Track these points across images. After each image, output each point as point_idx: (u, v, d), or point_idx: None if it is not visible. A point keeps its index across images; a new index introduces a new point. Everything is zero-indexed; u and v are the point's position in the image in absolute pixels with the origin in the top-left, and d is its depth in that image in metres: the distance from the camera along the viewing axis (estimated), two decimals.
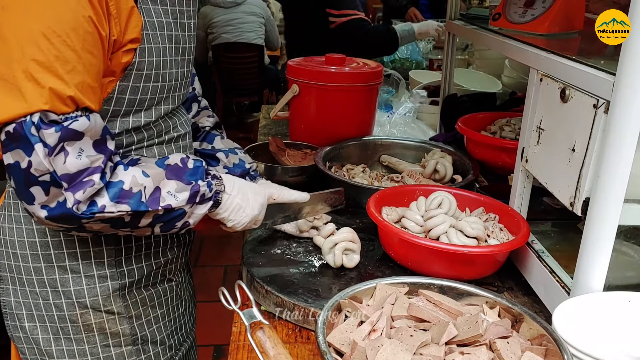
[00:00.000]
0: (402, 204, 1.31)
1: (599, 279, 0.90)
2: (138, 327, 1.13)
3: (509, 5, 1.40)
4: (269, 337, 0.81)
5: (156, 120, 1.06)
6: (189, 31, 1.08)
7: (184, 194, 0.97)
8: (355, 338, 0.81)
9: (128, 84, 0.96)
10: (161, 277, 1.18)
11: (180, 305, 1.26)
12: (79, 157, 0.85)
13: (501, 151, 1.49)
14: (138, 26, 0.94)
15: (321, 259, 1.20)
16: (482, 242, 1.16)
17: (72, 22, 0.83)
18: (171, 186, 0.96)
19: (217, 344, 2.75)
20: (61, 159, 0.84)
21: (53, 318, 1.07)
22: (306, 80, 1.74)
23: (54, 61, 0.82)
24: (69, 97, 0.83)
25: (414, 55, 3.21)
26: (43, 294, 1.06)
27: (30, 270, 1.06)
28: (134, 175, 0.92)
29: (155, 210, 0.93)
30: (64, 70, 0.83)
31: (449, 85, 1.96)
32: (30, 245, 1.05)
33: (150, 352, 1.16)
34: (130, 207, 0.91)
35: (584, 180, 0.90)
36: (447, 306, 0.89)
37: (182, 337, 1.28)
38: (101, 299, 1.07)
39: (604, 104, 0.85)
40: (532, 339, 0.85)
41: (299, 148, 1.78)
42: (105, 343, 1.10)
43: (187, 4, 1.06)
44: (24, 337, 1.10)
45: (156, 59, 0.99)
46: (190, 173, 0.99)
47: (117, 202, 0.90)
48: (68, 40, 0.83)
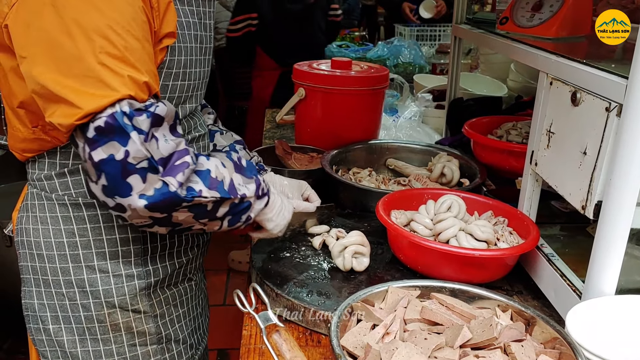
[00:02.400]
0: (411, 208, 1.31)
1: (611, 283, 0.90)
2: (162, 325, 1.14)
3: (517, 9, 1.40)
4: (285, 340, 0.81)
5: (180, 120, 1.07)
6: (209, 32, 1.11)
7: (252, 186, 1.02)
8: (368, 341, 0.81)
9: (160, 83, 0.98)
10: (182, 277, 1.19)
11: (198, 305, 1.27)
12: (166, 141, 0.88)
13: (509, 155, 1.49)
14: (174, 21, 0.96)
15: (330, 262, 1.20)
16: (492, 245, 1.16)
17: (131, 12, 0.85)
18: (239, 179, 1.00)
19: (221, 348, 2.74)
20: (154, 144, 0.86)
21: (80, 319, 1.07)
22: (312, 84, 1.75)
23: (124, 51, 0.83)
24: (145, 83, 0.85)
25: (417, 60, 3.21)
26: (70, 294, 1.06)
27: (57, 271, 1.05)
28: (216, 165, 0.97)
29: (235, 197, 0.97)
30: (134, 59, 0.84)
31: (455, 89, 1.97)
32: (58, 245, 1.04)
33: (174, 350, 1.17)
34: (219, 193, 0.94)
35: (596, 183, 0.90)
36: (460, 309, 0.89)
37: (200, 336, 1.28)
38: (129, 297, 1.08)
39: (616, 107, 0.85)
40: (545, 343, 0.85)
41: (305, 151, 1.78)
42: (131, 342, 1.10)
43: (208, 4, 1.08)
44: (47, 339, 1.09)
45: (184, 57, 1.01)
46: (247, 169, 1.04)
47: (210, 188, 0.93)
48: (131, 30, 0.84)
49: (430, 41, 3.91)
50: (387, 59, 3.20)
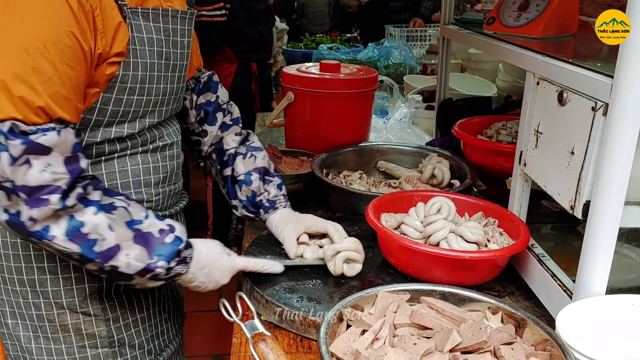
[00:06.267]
0: (401, 210, 1.30)
1: (601, 282, 0.90)
2: (115, 329, 1.14)
3: (504, 9, 1.40)
4: (272, 349, 0.80)
5: (140, 131, 1.07)
6: (181, 48, 1.10)
7: (139, 265, 0.95)
8: (358, 347, 0.80)
9: (112, 96, 0.99)
10: None
11: (163, 311, 1.25)
12: (43, 172, 0.86)
13: (498, 155, 1.48)
14: (124, 40, 0.97)
15: (320, 268, 1.18)
16: (483, 247, 1.15)
17: (53, 36, 0.86)
18: (133, 252, 0.95)
19: (216, 354, 2.73)
20: (22, 170, 0.84)
21: (32, 317, 1.10)
22: (301, 88, 1.74)
23: (30, 72, 0.84)
24: (39, 107, 0.85)
25: (407, 60, 3.22)
26: (23, 293, 1.09)
27: (12, 269, 1.07)
28: (99, 222, 0.91)
29: (101, 264, 0.93)
30: (38, 81, 0.85)
31: (444, 90, 1.96)
32: (12, 245, 1.06)
33: (128, 355, 1.17)
34: (80, 249, 0.90)
35: (584, 183, 0.89)
36: (450, 313, 0.89)
37: (164, 342, 1.26)
38: (78, 300, 1.09)
39: (602, 106, 0.84)
40: (536, 344, 0.85)
41: (296, 155, 1.77)
42: (81, 344, 1.12)
43: (182, 22, 1.08)
44: (7, 333, 1.14)
45: (142, 73, 1.01)
46: (161, 248, 0.98)
47: (70, 240, 0.89)
48: (46, 53, 0.85)
49: (421, 42, 3.92)
50: (377, 61, 3.20)
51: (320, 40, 4.45)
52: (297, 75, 1.76)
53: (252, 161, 1.30)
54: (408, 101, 2.34)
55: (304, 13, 6.39)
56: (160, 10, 1.03)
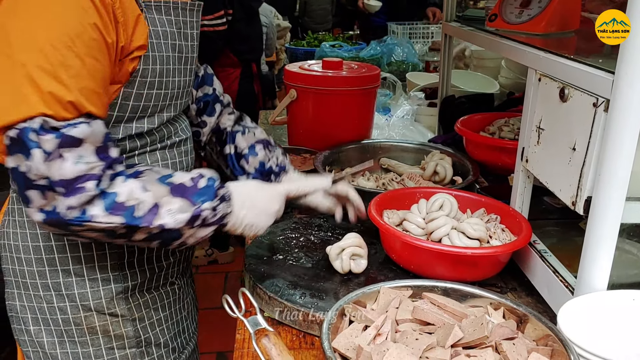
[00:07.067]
0: (403, 207, 1.31)
1: (602, 278, 0.90)
2: (142, 329, 1.14)
3: (505, 5, 1.40)
4: (275, 344, 0.81)
5: (158, 127, 1.07)
6: (191, 41, 1.10)
7: (184, 215, 0.94)
8: (360, 343, 0.80)
9: (132, 91, 0.98)
10: (164, 280, 1.18)
11: (182, 309, 1.26)
12: (77, 163, 0.85)
13: (501, 151, 1.49)
14: (145, 33, 0.96)
15: (324, 264, 1.19)
16: (485, 243, 1.15)
17: (77, 28, 0.84)
18: (175, 205, 0.93)
19: (220, 351, 2.74)
20: (57, 164, 0.84)
21: (57, 321, 1.08)
22: (304, 85, 1.74)
23: (58, 67, 0.83)
24: (69, 102, 0.84)
25: (410, 58, 3.21)
26: (47, 297, 1.07)
27: (35, 274, 1.06)
28: (132, 188, 0.90)
29: (147, 227, 0.91)
30: (67, 76, 0.84)
31: (447, 87, 1.96)
32: (35, 249, 1.05)
33: (154, 354, 1.17)
34: (124, 219, 0.89)
35: (586, 179, 0.89)
36: (452, 308, 0.89)
37: (185, 340, 1.28)
38: (105, 301, 1.08)
39: (603, 102, 0.85)
40: (538, 340, 0.85)
41: (298, 153, 1.78)
42: (109, 346, 1.11)
43: (190, 14, 1.08)
44: (29, 340, 1.11)
45: (160, 66, 1.00)
46: (199, 193, 0.96)
47: (110, 213, 0.88)
48: (73, 46, 0.84)
49: (423, 39, 3.92)
50: (380, 58, 3.20)
51: (322, 38, 4.46)
52: (300, 73, 1.76)
53: (252, 135, 1.32)
54: (410, 98, 2.34)
55: (306, 11, 6.40)
56: (172, 2, 1.03)
